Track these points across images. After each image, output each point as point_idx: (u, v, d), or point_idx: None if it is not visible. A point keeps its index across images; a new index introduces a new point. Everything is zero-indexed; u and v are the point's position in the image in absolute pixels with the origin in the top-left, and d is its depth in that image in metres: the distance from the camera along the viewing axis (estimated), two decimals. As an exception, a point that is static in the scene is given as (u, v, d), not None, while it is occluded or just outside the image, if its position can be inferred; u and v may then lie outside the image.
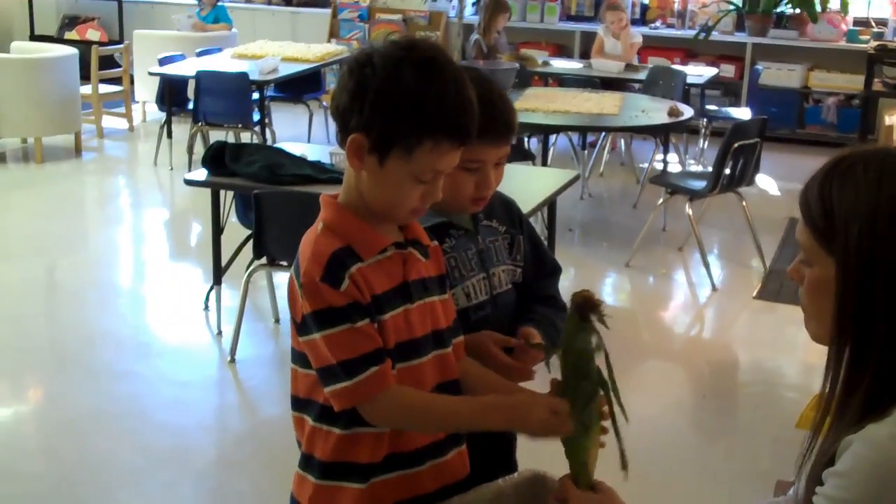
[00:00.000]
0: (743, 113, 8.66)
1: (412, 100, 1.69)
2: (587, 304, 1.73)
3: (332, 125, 6.61)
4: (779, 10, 10.11)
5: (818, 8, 9.81)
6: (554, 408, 1.74)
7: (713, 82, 9.23)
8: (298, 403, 1.86)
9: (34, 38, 11.41)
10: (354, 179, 1.79)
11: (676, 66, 8.92)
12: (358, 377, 1.71)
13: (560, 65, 9.25)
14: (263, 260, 4.75)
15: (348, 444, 1.80)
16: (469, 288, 2.11)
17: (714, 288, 6.01)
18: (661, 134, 7.36)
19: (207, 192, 5.10)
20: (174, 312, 5.53)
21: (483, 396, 1.83)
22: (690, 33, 10.14)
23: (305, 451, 1.86)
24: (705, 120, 8.78)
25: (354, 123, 1.72)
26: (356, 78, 1.72)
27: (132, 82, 9.90)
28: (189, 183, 5.06)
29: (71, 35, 11.65)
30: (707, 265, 6.11)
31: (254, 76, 7.77)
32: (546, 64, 9.00)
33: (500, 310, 2.17)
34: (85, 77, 9.09)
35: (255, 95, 7.99)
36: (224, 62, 8.48)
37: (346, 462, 1.81)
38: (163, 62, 8.24)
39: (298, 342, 1.79)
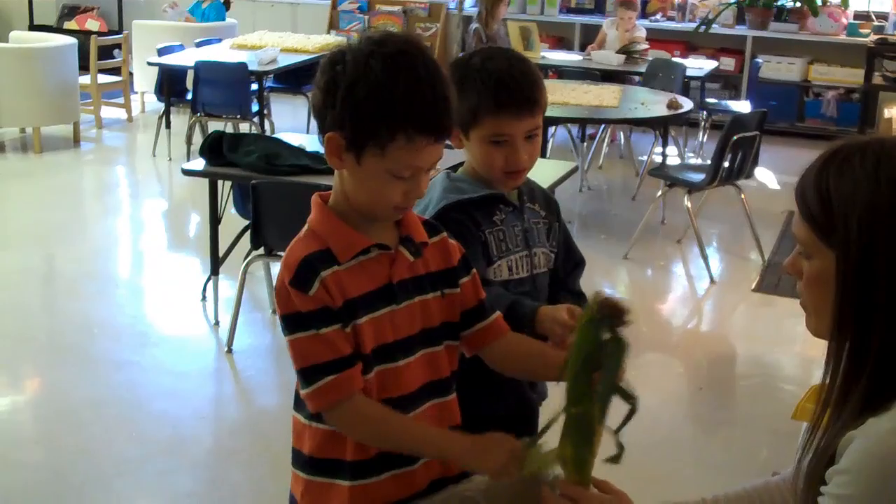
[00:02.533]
0: (742, 106, 8.65)
1: (380, 94, 1.67)
2: (618, 314, 1.64)
3: (330, 115, 6.45)
4: (779, 3, 10.11)
5: (818, 1, 9.81)
6: (514, 452, 1.71)
7: (713, 75, 9.23)
8: (295, 401, 1.86)
9: (33, 27, 11.39)
10: (339, 179, 1.78)
11: (676, 59, 8.90)
12: (313, 385, 1.72)
13: (559, 57, 9.24)
14: (261, 250, 4.73)
15: (333, 441, 1.80)
16: (512, 262, 2.18)
17: (712, 280, 6.01)
18: (660, 126, 7.35)
19: (205, 182, 5.09)
20: (172, 302, 5.53)
21: (449, 431, 1.82)
22: (691, 26, 10.13)
23: (295, 446, 1.87)
24: (705, 113, 8.76)
25: (329, 122, 1.71)
26: (328, 75, 1.72)
27: (131, 73, 9.89)
28: (187, 173, 5.05)
29: (70, 25, 11.63)
30: (705, 258, 6.11)
31: (253, 67, 7.75)
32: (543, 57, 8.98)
33: (538, 291, 2.23)
34: (84, 67, 9.07)
35: (254, 86, 7.98)
36: (223, 53, 8.47)
37: (332, 459, 1.80)
38: (162, 52, 8.22)
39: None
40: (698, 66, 8.80)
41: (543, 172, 4.89)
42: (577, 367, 1.70)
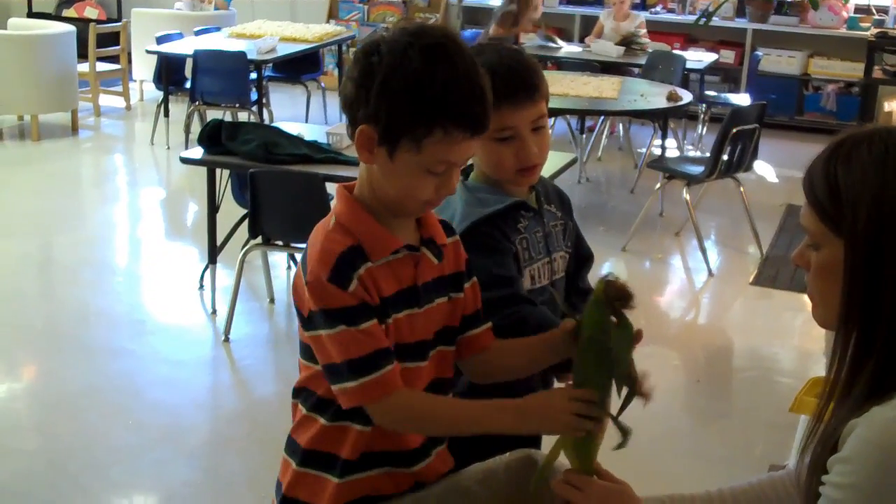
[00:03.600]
0: (742, 99, 8.64)
1: (418, 87, 1.62)
2: (622, 297, 1.67)
3: (331, 106, 6.59)
4: (779, -4, 10.09)
5: (819, -6, 9.79)
6: (577, 397, 1.69)
7: (713, 68, 9.21)
8: (296, 391, 1.84)
9: (32, 15, 11.34)
10: (366, 172, 1.73)
11: (676, 51, 8.88)
12: (363, 378, 1.67)
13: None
14: (259, 239, 4.72)
15: (331, 436, 1.78)
16: (535, 271, 2.10)
17: (710, 273, 6.01)
18: (659, 119, 7.34)
19: (204, 171, 5.08)
20: (169, 291, 5.52)
21: (501, 400, 1.76)
22: (691, 18, 10.09)
23: (291, 434, 1.85)
24: (704, 105, 8.75)
25: (362, 115, 1.66)
26: (361, 67, 1.66)
27: (130, 61, 9.87)
28: (185, 161, 5.04)
29: (69, 13, 11.59)
30: (704, 250, 6.10)
31: (252, 56, 7.73)
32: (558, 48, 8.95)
33: (557, 296, 2.16)
34: (82, 55, 9.05)
35: (253, 75, 7.95)
36: (222, 41, 8.44)
37: (326, 453, 1.79)
38: (160, 41, 8.20)
39: (301, 333, 1.76)
40: (698, 58, 8.79)
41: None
42: (582, 350, 1.71)
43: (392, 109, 1.63)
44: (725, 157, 6.00)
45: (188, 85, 7.96)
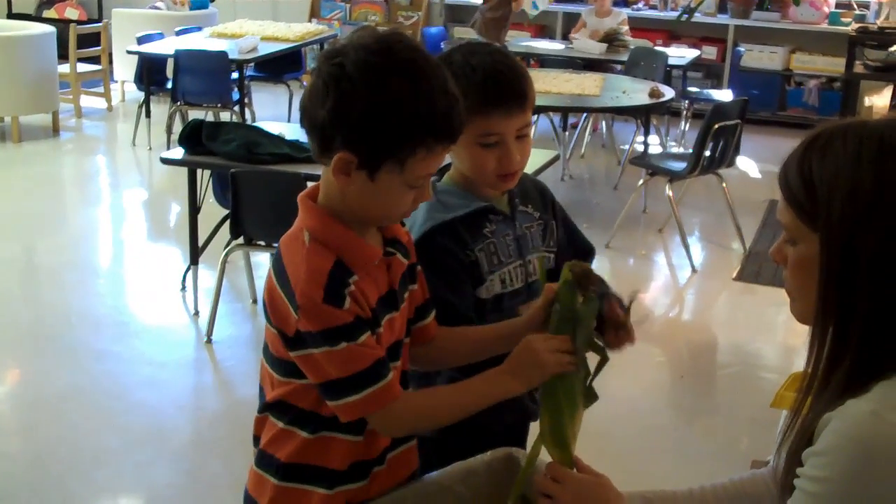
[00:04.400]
0: (724, 95, 8.65)
1: (402, 113, 1.59)
2: (588, 278, 1.76)
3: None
4: (761, -9, 10.11)
5: (800, -10, 9.81)
6: (545, 338, 1.74)
7: (695, 64, 9.24)
8: (268, 405, 1.80)
9: (11, 16, 11.29)
10: (338, 190, 1.68)
11: (658, 48, 8.90)
12: (366, 391, 1.66)
13: (541, 45, 9.23)
14: (241, 240, 4.71)
15: (314, 448, 1.75)
16: (505, 275, 2.07)
17: (694, 269, 6.02)
18: (642, 115, 7.35)
19: (185, 172, 5.06)
20: (152, 292, 5.50)
21: (487, 372, 1.78)
22: (673, 15, 10.11)
23: (266, 449, 1.80)
24: (686, 102, 8.77)
25: (339, 142, 1.62)
26: (335, 95, 1.60)
27: (111, 61, 9.83)
28: (165, 161, 5.02)
29: (49, 13, 11.53)
30: (687, 247, 6.11)
31: (233, 55, 7.70)
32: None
33: (534, 299, 2.08)
34: (63, 56, 9.01)
35: (235, 75, 7.93)
36: (203, 41, 8.42)
37: (311, 465, 1.76)
38: (141, 41, 8.17)
39: (280, 351, 1.71)
40: (680, 54, 8.80)
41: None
42: (555, 329, 1.77)
43: (376, 137, 1.60)
44: (708, 154, 6.01)
45: (170, 85, 7.92)
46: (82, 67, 9.40)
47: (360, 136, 1.60)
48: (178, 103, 7.79)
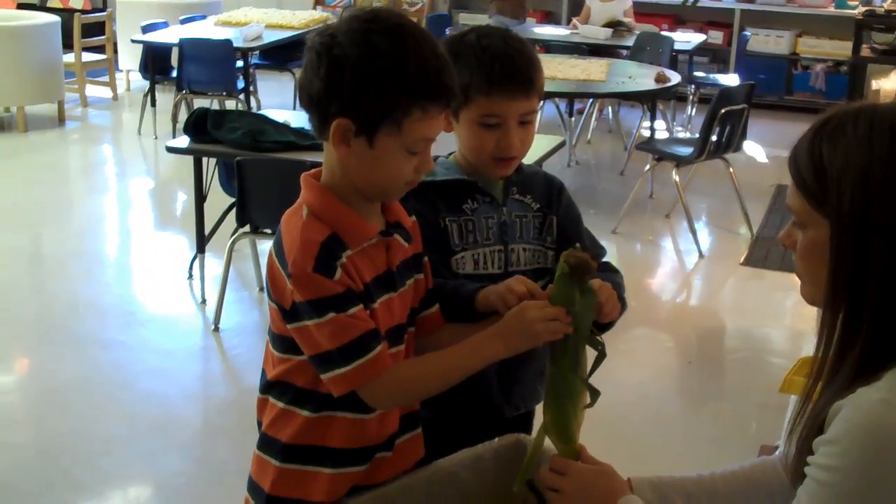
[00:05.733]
0: (731, 79, 8.63)
1: (394, 70, 1.62)
2: (585, 269, 1.72)
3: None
4: (767, -25, 10.07)
5: (806, -27, 9.77)
6: (540, 305, 1.72)
7: (701, 49, 9.20)
8: (268, 386, 1.80)
9: (17, 6, 11.29)
10: (338, 163, 1.70)
11: (664, 33, 8.87)
12: (356, 362, 1.66)
13: (547, 31, 9.20)
14: (247, 228, 4.71)
15: (317, 428, 1.76)
16: (479, 256, 2.04)
17: (701, 255, 6.00)
18: (648, 100, 7.33)
19: (191, 160, 5.06)
20: (158, 281, 5.51)
21: (474, 335, 1.76)
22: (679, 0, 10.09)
23: (267, 432, 1.80)
24: (693, 86, 8.74)
25: (335, 109, 1.64)
26: (327, 61, 1.64)
27: (116, 51, 9.82)
28: (171, 150, 5.02)
29: (54, 3, 11.52)
30: (694, 232, 6.10)
31: (238, 43, 7.69)
32: None
33: None
34: (68, 45, 9.00)
35: (240, 63, 7.93)
36: (208, 29, 8.40)
37: (314, 446, 1.76)
38: (146, 30, 8.16)
39: (279, 326, 1.73)
40: (686, 39, 8.77)
41: (531, 148, 4.86)
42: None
43: (370, 97, 1.63)
44: (714, 138, 6.00)
45: (175, 74, 7.91)
46: (87, 57, 9.39)
47: (355, 100, 1.63)
48: (184, 92, 7.77)
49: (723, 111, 5.89)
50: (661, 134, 8.05)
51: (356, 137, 1.66)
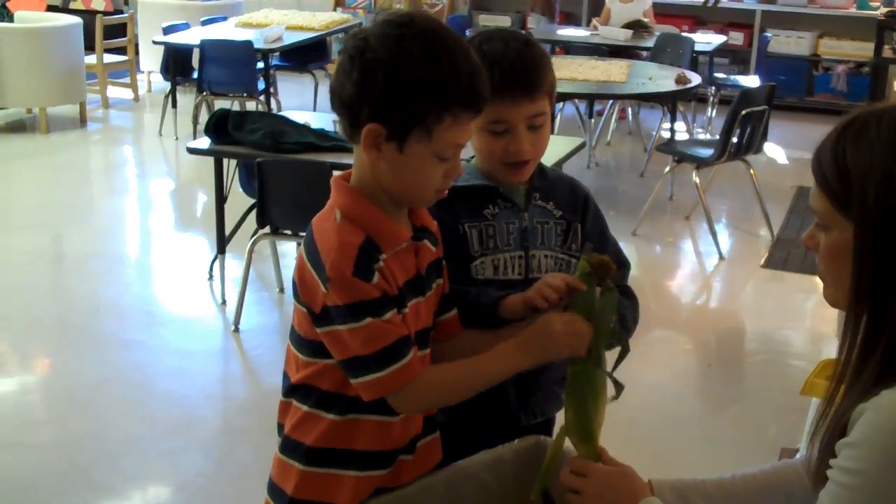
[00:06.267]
0: (751, 81, 8.59)
1: (426, 76, 1.61)
2: (606, 269, 1.73)
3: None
4: (788, -24, 10.03)
5: (828, -26, 9.73)
6: (566, 320, 1.72)
7: (721, 50, 9.17)
8: (292, 389, 1.79)
9: (47, 7, 11.34)
10: (370, 168, 1.69)
11: (685, 34, 8.84)
12: (390, 368, 1.66)
13: (567, 32, 9.19)
14: (267, 229, 4.72)
15: (342, 431, 1.75)
16: (499, 261, 2.02)
17: (721, 257, 5.98)
18: (668, 102, 7.31)
19: (212, 161, 5.07)
20: (179, 282, 5.52)
21: (499, 345, 1.76)
22: (699, 0, 10.05)
23: (291, 435, 1.80)
24: (713, 88, 8.72)
25: (367, 114, 1.63)
26: (359, 66, 1.63)
27: (137, 52, 9.86)
28: (192, 151, 5.03)
29: (76, 4, 11.58)
30: (714, 234, 6.08)
31: (258, 45, 7.71)
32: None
33: None
34: (90, 47, 9.04)
35: (260, 64, 7.95)
36: (229, 31, 8.42)
37: (339, 449, 1.76)
38: (167, 31, 8.19)
39: (307, 330, 1.72)
40: (707, 40, 8.75)
41: (551, 149, 4.83)
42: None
43: (402, 101, 1.62)
44: (735, 140, 5.98)
45: (196, 75, 7.94)
46: (109, 58, 9.43)
47: (386, 105, 1.63)
48: (204, 93, 7.80)
49: (743, 112, 5.87)
50: (682, 135, 8.02)
51: (387, 142, 1.65)
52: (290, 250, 5.65)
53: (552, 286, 1.78)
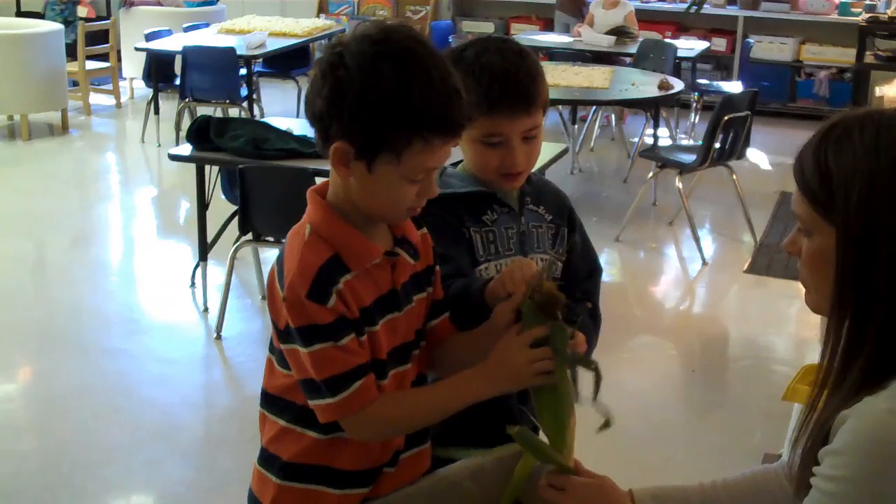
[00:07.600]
0: (734, 87, 8.62)
1: (395, 100, 1.56)
2: (552, 302, 1.68)
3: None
4: (770, -18, 10.06)
5: (810, -19, 9.76)
6: (528, 353, 1.67)
7: (704, 56, 9.20)
8: (270, 400, 1.78)
9: (20, 14, 11.29)
10: (342, 184, 1.67)
11: (667, 40, 8.86)
12: (342, 394, 1.64)
13: (550, 38, 9.20)
14: (249, 236, 4.71)
15: (325, 449, 1.74)
16: (501, 266, 2.02)
17: (704, 262, 5.99)
18: (651, 108, 7.33)
19: (194, 168, 5.05)
20: (161, 289, 5.50)
21: (457, 374, 1.73)
22: (682, 6, 10.07)
23: (268, 448, 1.78)
24: (696, 94, 8.74)
25: (335, 131, 1.60)
26: (331, 82, 1.59)
27: (119, 59, 9.83)
28: (173, 158, 5.02)
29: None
30: (697, 239, 6.09)
31: (241, 51, 7.70)
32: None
33: None
34: (71, 54, 9.01)
35: (243, 71, 7.93)
36: (211, 37, 8.41)
37: (318, 465, 1.74)
38: (149, 38, 8.17)
39: (280, 345, 1.71)
40: (689, 46, 8.77)
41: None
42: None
43: (369, 124, 1.58)
44: (718, 145, 5.99)
45: (178, 82, 7.92)
46: (91, 65, 9.40)
47: (354, 125, 1.59)
48: (187, 100, 7.78)
49: (726, 118, 5.88)
50: (665, 141, 8.02)
51: (355, 161, 1.62)
52: (272, 257, 5.59)
53: (515, 283, 1.75)
